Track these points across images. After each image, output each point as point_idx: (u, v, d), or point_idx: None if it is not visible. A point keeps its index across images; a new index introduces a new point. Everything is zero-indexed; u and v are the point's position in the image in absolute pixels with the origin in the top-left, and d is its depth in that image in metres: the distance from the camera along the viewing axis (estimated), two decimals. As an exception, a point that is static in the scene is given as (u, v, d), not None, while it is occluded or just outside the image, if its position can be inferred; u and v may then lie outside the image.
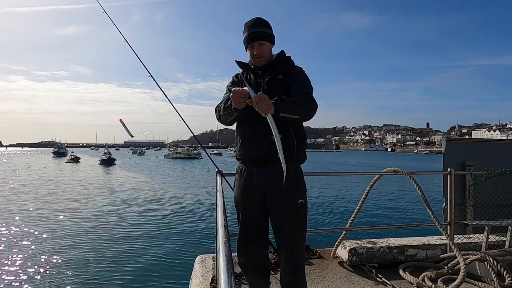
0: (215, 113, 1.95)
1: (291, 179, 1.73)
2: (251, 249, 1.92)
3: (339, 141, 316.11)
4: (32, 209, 13.45)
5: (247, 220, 1.90)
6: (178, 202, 15.64)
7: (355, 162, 63.00)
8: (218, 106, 1.93)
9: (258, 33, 1.83)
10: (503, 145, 3.96)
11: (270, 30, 1.89)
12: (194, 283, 2.49)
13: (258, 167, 1.83)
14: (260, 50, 1.85)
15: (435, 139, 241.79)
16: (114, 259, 7.60)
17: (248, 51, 1.91)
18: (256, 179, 1.84)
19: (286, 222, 1.79)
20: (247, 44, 1.88)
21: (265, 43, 1.86)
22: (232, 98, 1.67)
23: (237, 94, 1.64)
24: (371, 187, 3.21)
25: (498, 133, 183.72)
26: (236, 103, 1.65)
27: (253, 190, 1.85)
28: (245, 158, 1.89)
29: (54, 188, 20.28)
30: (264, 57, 1.88)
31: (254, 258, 1.94)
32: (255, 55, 1.87)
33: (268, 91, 1.76)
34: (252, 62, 1.93)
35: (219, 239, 0.95)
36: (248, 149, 1.86)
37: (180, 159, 63.97)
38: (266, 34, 1.86)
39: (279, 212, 1.80)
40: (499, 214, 3.55)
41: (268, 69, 1.89)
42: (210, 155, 2.55)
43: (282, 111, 1.60)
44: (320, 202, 14.74)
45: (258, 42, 1.84)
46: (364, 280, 2.65)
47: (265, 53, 1.87)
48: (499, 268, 2.50)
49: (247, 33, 1.86)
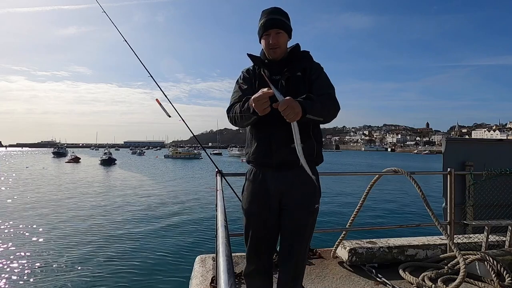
0: (227, 114, 1.77)
1: (309, 183, 1.66)
2: (262, 258, 1.80)
3: (339, 141, 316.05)
4: (34, 209, 13.45)
5: (259, 229, 1.75)
6: (178, 202, 15.64)
7: (355, 162, 62.99)
8: (231, 107, 1.74)
9: (277, 20, 1.67)
10: (503, 145, 3.96)
11: (289, 21, 1.73)
12: (194, 283, 2.49)
13: (274, 171, 1.70)
14: (277, 40, 1.68)
15: (435, 139, 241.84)
16: (114, 258, 7.60)
17: (263, 40, 1.72)
18: (272, 184, 1.70)
19: (301, 227, 1.70)
20: (263, 31, 1.69)
21: (282, 33, 1.69)
22: (254, 103, 1.48)
23: (261, 100, 1.45)
24: (371, 187, 3.21)
25: (498, 133, 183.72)
26: (260, 110, 1.47)
27: (269, 196, 1.71)
28: (261, 162, 1.73)
29: (54, 188, 20.27)
30: (280, 49, 1.71)
31: (264, 266, 1.82)
32: (270, 45, 1.69)
33: (287, 89, 1.64)
34: (266, 54, 1.75)
35: (219, 239, 0.94)
36: (264, 153, 1.69)
37: (180, 159, 64.02)
38: (285, 23, 1.69)
39: (295, 216, 1.68)
40: (499, 214, 3.56)
41: (284, 64, 1.72)
42: (210, 155, 2.54)
43: (310, 112, 1.48)
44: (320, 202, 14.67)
45: (276, 31, 1.67)
46: (364, 280, 2.65)
47: (282, 44, 1.70)
48: (499, 268, 2.50)
49: (264, 19, 1.68)
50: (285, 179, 1.69)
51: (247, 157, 1.82)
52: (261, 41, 1.75)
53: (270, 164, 1.69)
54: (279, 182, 1.69)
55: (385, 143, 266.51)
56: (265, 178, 1.72)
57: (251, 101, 1.51)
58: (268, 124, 1.65)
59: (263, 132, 1.70)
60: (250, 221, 1.77)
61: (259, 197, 1.73)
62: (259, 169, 1.75)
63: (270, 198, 1.71)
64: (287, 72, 1.70)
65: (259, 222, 1.74)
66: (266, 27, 1.67)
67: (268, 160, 1.69)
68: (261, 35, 1.72)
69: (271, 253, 1.86)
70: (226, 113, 1.78)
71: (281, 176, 1.69)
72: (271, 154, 1.67)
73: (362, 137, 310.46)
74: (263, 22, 1.68)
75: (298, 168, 1.56)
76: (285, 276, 1.73)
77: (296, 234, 1.70)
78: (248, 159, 1.81)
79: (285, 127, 1.54)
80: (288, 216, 1.70)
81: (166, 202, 15.52)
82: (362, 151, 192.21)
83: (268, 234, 1.76)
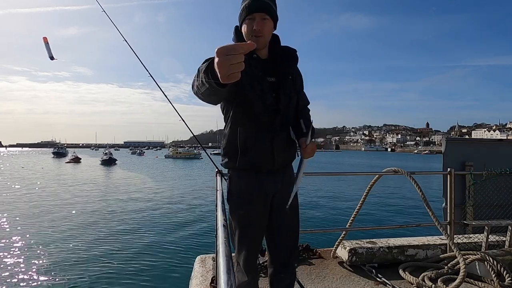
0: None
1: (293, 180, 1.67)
2: (255, 263, 1.75)
3: (339, 141, 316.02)
4: (35, 209, 13.46)
5: (259, 234, 1.66)
6: (178, 202, 15.64)
7: (355, 162, 62.97)
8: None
9: (264, 3, 1.43)
10: (503, 145, 3.96)
11: (276, 8, 1.51)
12: (194, 283, 2.49)
13: (271, 175, 1.60)
14: (262, 26, 1.43)
15: (435, 139, 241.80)
16: (114, 258, 7.60)
17: (245, 26, 1.47)
18: (269, 185, 1.60)
19: (296, 227, 1.72)
20: (246, 13, 1.44)
21: (269, 20, 1.46)
22: (218, 59, 0.83)
23: (233, 52, 0.81)
24: (371, 187, 3.21)
25: (498, 133, 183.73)
26: (224, 70, 0.83)
27: (266, 197, 1.62)
28: (258, 168, 1.57)
29: (56, 188, 20.28)
30: (264, 38, 1.47)
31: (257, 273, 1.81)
32: (254, 31, 1.43)
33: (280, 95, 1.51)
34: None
35: (219, 239, 0.94)
36: (265, 158, 1.54)
37: (181, 159, 64.05)
38: (272, 9, 1.46)
39: (290, 217, 1.66)
40: (499, 214, 3.56)
41: (271, 62, 1.53)
42: (210, 155, 2.54)
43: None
44: (320, 202, 14.71)
45: (262, 15, 1.43)
46: (364, 280, 2.65)
47: (266, 33, 1.47)
48: (499, 268, 2.50)
49: (249, 1, 1.43)
50: (280, 179, 1.63)
51: (238, 163, 1.56)
52: (241, 27, 1.50)
53: (270, 169, 1.58)
54: (274, 182, 1.62)
55: (385, 143, 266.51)
56: (262, 179, 1.59)
57: (215, 57, 0.85)
58: (265, 128, 1.52)
59: (262, 136, 1.52)
60: (250, 226, 1.61)
61: (259, 200, 1.61)
62: (253, 174, 1.59)
63: (267, 199, 1.64)
64: (283, 76, 1.52)
65: (258, 226, 1.64)
66: (250, 8, 1.42)
67: (269, 165, 1.56)
68: (243, 19, 1.47)
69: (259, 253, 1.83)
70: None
71: (277, 179, 1.62)
72: (273, 159, 1.55)
73: (362, 137, 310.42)
74: (247, 3, 1.44)
75: (289, 167, 1.65)
76: (285, 280, 1.70)
77: (293, 236, 1.70)
78: (240, 166, 1.57)
79: (284, 132, 1.56)
80: (282, 217, 1.65)
81: (167, 202, 15.53)
82: (362, 151, 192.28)
83: (261, 237, 1.70)
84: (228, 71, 0.84)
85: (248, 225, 1.62)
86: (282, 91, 1.52)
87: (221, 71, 0.85)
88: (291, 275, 1.75)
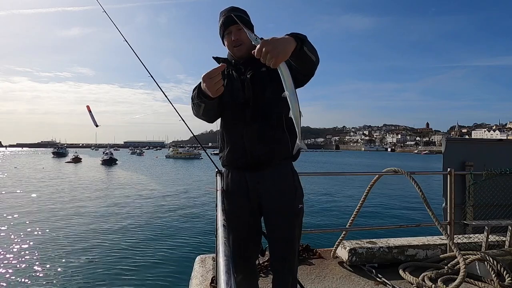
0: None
1: (289, 182, 1.64)
2: (250, 262, 1.76)
3: (339, 141, 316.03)
4: (35, 209, 13.45)
5: (242, 230, 1.67)
6: (178, 202, 15.66)
7: (355, 162, 62.95)
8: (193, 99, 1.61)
9: (236, 16, 1.54)
10: (503, 145, 3.96)
11: (249, 18, 1.66)
12: (194, 283, 2.49)
13: (251, 171, 1.63)
14: (239, 36, 1.59)
15: (435, 139, 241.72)
16: (115, 258, 7.61)
17: (226, 40, 1.65)
18: (250, 184, 1.63)
19: (289, 231, 1.62)
20: (223, 30, 1.62)
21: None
22: (205, 82, 1.39)
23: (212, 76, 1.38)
24: (371, 187, 3.21)
25: (498, 133, 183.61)
26: (212, 89, 1.39)
27: (248, 197, 1.64)
28: (235, 164, 1.66)
29: (56, 188, 20.28)
30: (245, 45, 1.60)
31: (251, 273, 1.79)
32: (233, 42, 1.61)
33: (253, 88, 1.60)
34: (232, 54, 1.66)
35: (219, 239, 0.95)
36: (239, 154, 1.62)
37: (181, 159, 64.07)
38: (245, 19, 1.60)
39: (279, 219, 1.61)
40: (499, 214, 3.55)
41: (250, 63, 1.62)
42: (210, 155, 2.54)
43: (305, 44, 1.33)
44: (320, 202, 14.71)
45: (236, 27, 1.58)
46: (364, 280, 2.65)
47: (245, 39, 1.57)
48: (499, 268, 2.50)
49: (223, 18, 1.61)
50: (263, 179, 1.62)
51: (222, 161, 1.74)
52: (224, 42, 1.67)
53: (246, 165, 1.62)
54: (257, 182, 1.62)
55: (385, 143, 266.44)
56: (243, 178, 1.65)
57: (202, 82, 1.43)
58: (237, 123, 1.62)
59: (234, 132, 1.64)
60: (232, 224, 1.58)
61: (240, 196, 1.65)
62: (235, 171, 1.69)
63: (250, 200, 1.64)
64: (251, 69, 1.62)
65: (241, 223, 1.65)
66: (226, 24, 1.60)
67: (244, 160, 1.61)
68: (222, 35, 1.66)
69: (257, 256, 1.81)
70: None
71: (259, 175, 1.62)
72: (245, 154, 1.60)
73: (362, 137, 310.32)
74: (222, 21, 1.61)
75: (276, 166, 1.61)
76: (281, 284, 1.68)
77: (285, 241, 1.63)
78: (223, 163, 1.73)
79: (256, 124, 1.57)
80: (270, 218, 1.64)
81: (167, 202, 15.54)
82: (362, 151, 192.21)
83: (251, 235, 1.70)
84: (215, 88, 1.38)
85: (230, 223, 1.59)
86: (248, 84, 1.61)
87: (211, 90, 1.39)
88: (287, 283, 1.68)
